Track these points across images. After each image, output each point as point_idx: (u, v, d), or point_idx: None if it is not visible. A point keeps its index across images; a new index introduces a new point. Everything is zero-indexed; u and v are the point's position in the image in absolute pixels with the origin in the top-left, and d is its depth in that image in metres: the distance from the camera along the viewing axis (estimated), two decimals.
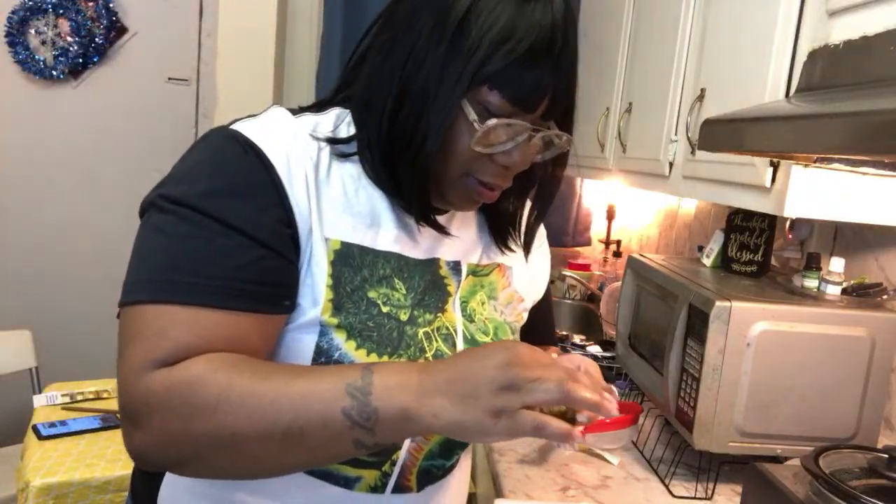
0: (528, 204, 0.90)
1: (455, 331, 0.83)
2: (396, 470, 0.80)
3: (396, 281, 0.78)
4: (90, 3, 2.73)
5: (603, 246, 2.77)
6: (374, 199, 0.78)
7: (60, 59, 2.73)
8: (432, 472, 0.84)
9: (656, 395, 1.38)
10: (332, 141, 0.76)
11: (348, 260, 0.75)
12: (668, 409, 1.31)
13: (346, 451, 0.65)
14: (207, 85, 2.80)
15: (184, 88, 2.84)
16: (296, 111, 0.79)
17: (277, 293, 0.70)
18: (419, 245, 0.82)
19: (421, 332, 0.79)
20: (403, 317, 0.78)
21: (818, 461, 0.95)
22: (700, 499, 1.24)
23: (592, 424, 1.42)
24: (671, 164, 1.59)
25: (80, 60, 2.74)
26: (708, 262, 1.55)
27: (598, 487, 1.25)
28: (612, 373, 1.78)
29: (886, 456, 0.94)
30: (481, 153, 0.73)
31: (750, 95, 1.22)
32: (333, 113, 0.80)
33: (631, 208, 2.71)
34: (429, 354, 0.79)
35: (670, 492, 1.26)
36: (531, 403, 0.61)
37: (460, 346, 0.82)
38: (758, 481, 1.03)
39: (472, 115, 0.71)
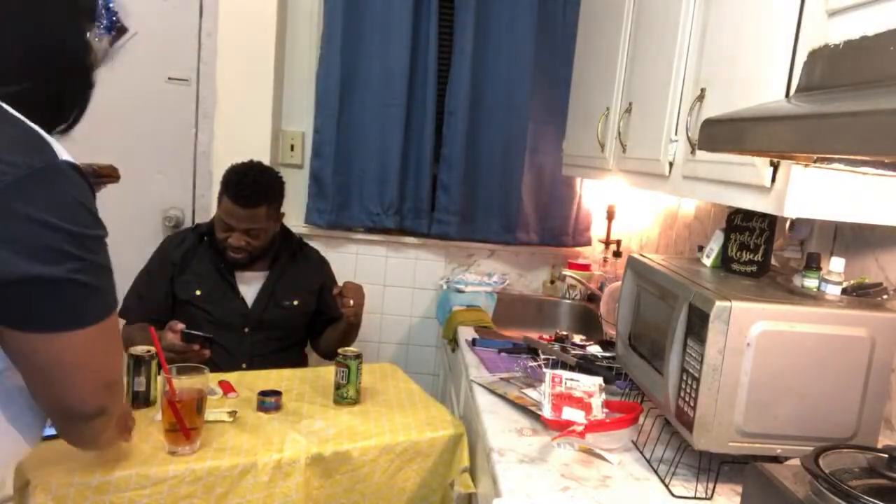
0: None
1: None
2: None
3: None
4: None
5: (603, 246, 2.77)
6: None
7: None
8: None
9: (656, 395, 1.38)
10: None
11: None
12: (668, 409, 1.31)
13: None
14: (207, 85, 2.79)
15: (184, 88, 2.84)
16: None
17: None
18: None
19: None
20: None
21: (818, 461, 0.95)
22: (700, 499, 1.24)
23: (592, 424, 1.43)
24: (671, 164, 1.59)
25: None
26: (708, 262, 1.55)
27: (598, 487, 1.25)
28: (612, 373, 1.78)
29: (886, 456, 0.94)
30: None
31: (750, 95, 1.22)
32: None
33: (631, 208, 2.71)
34: None
35: (670, 492, 1.26)
36: None
37: None
38: (758, 481, 1.03)
39: None
